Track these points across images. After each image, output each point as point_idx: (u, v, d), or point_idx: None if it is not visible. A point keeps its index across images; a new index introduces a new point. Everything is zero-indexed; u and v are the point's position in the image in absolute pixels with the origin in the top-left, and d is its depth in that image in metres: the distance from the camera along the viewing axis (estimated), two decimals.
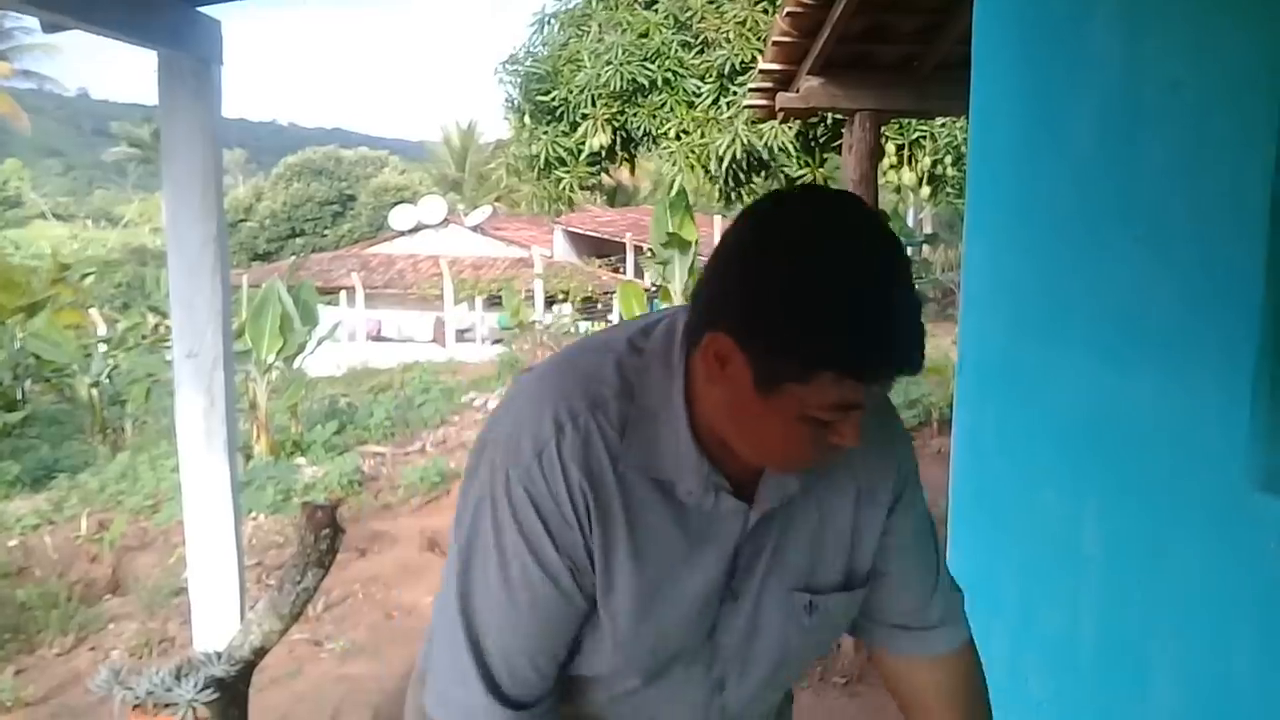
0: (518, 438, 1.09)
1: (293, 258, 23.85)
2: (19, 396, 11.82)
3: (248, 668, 2.74)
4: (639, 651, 1.14)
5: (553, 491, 1.07)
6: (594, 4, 8.78)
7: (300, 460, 8.91)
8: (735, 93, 7.91)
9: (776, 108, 4.75)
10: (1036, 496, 2.57)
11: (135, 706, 2.51)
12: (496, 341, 18.31)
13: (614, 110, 8.31)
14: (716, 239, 1.10)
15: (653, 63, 8.17)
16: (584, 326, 16.27)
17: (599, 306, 20.03)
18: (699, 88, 8.18)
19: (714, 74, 8.14)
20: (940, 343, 14.66)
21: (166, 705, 2.50)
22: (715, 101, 8.17)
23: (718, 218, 15.99)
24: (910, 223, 19.81)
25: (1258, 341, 1.77)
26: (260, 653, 2.78)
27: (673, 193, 10.49)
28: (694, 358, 1.07)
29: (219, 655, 2.70)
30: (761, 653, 1.20)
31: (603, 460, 1.08)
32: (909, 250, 18.95)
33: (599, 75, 8.15)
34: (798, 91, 4.51)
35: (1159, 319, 2.08)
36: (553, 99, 8.52)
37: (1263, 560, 1.76)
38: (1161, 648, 2.07)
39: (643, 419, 1.09)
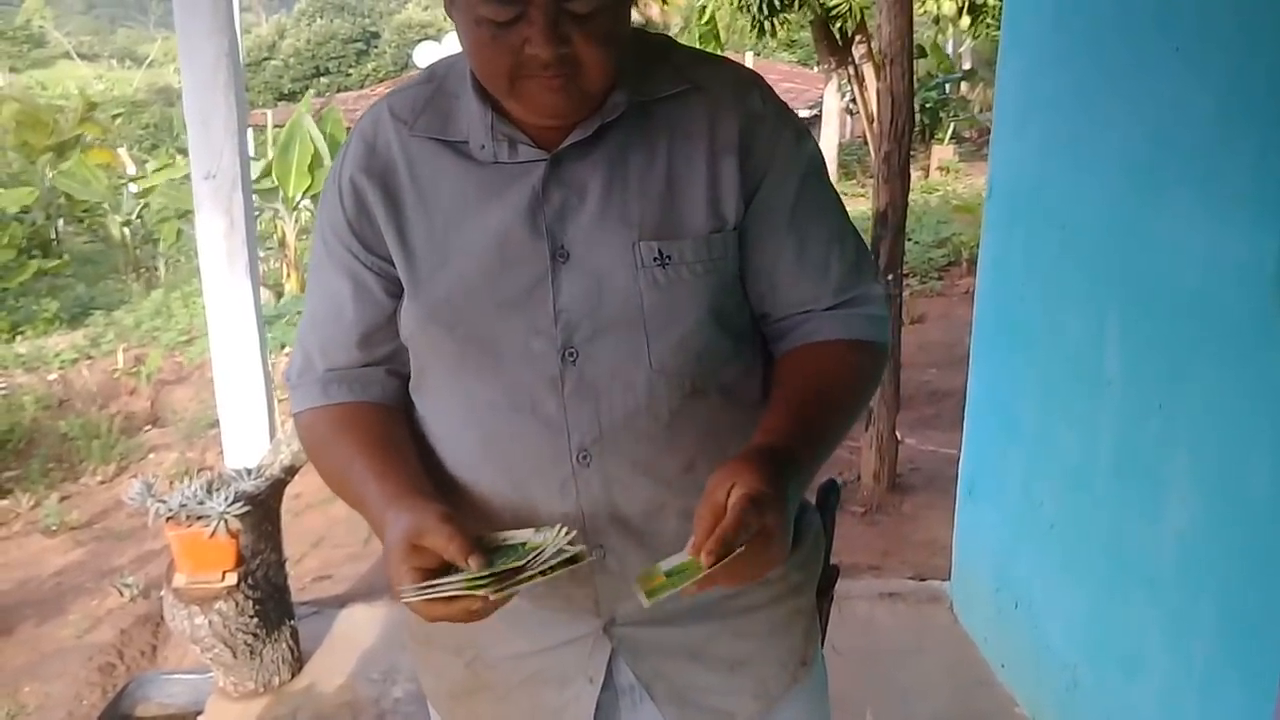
0: None
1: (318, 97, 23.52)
2: (52, 236, 11.91)
3: (279, 485, 2.80)
4: (435, 298, 1.17)
5: (349, 172, 1.18)
6: None
7: None
8: None
9: None
10: (1059, 320, 2.54)
11: (169, 519, 2.59)
12: None
13: None
14: None
15: None
16: None
17: None
18: None
19: None
20: (974, 182, 14.42)
21: (199, 518, 2.58)
22: None
23: (749, 54, 15.53)
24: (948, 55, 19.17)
25: None
26: (291, 471, 2.83)
27: (702, 21, 10.19)
28: None
29: (249, 472, 2.76)
30: (610, 316, 1.16)
31: (388, 132, 1.18)
32: (945, 86, 18.54)
33: None
34: None
35: (1193, 136, 2.01)
36: None
37: None
38: (1177, 471, 2.07)
39: (443, 97, 1.18)
